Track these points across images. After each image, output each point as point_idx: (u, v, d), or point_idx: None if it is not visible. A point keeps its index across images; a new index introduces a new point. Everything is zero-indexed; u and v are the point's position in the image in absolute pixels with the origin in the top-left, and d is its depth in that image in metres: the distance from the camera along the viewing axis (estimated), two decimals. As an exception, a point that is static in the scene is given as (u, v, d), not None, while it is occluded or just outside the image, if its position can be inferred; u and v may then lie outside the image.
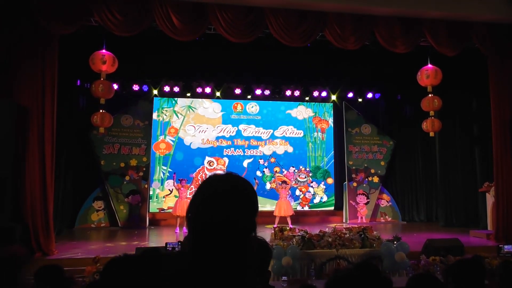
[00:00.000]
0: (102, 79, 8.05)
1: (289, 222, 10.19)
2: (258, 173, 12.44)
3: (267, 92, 11.92)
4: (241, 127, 12.52)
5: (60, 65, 7.38)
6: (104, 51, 7.95)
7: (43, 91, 7.11)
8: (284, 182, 11.11)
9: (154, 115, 11.86)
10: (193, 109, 12.34)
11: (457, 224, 10.75)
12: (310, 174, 12.72)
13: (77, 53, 8.46)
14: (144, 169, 11.24)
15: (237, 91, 11.82)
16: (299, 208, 12.23)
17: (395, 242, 6.31)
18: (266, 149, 12.57)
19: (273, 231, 6.86)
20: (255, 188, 6.11)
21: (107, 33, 7.55)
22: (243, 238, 1.21)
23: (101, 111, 8.80)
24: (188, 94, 11.77)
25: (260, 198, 11.91)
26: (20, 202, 6.82)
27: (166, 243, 6.32)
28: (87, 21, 7.44)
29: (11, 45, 6.96)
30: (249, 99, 12.31)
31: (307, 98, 12.44)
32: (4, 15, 6.89)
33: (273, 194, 12.35)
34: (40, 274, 2.62)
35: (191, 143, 12.23)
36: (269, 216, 11.12)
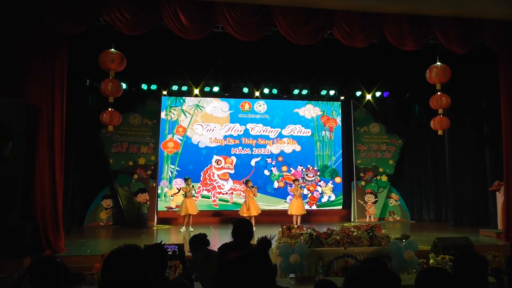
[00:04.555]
0: (111, 77, 8.08)
1: (299, 221, 10.16)
2: (266, 172, 12.44)
3: (275, 90, 11.91)
4: (249, 126, 12.52)
5: (69, 64, 7.43)
6: (113, 50, 8.00)
7: (52, 91, 7.19)
8: (296, 180, 11.07)
9: (162, 114, 11.91)
10: (201, 108, 12.37)
11: (467, 223, 10.63)
12: (318, 173, 12.69)
13: (86, 52, 8.50)
14: (152, 167, 11.30)
15: (245, 90, 11.83)
16: (307, 207, 12.19)
17: (403, 240, 6.28)
18: (274, 148, 12.57)
19: (280, 229, 6.85)
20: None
21: (116, 32, 7.58)
22: None
23: (110, 109, 8.87)
24: (196, 93, 11.80)
25: (267, 197, 12.05)
26: (30, 200, 6.89)
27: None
28: (96, 21, 7.48)
29: (22, 45, 7.04)
30: (257, 97, 12.31)
31: (314, 96, 12.40)
32: (14, 16, 6.96)
33: (280, 193, 12.35)
34: (35, 267, 2.51)
35: (199, 142, 12.26)
36: (276, 215, 11.11)
